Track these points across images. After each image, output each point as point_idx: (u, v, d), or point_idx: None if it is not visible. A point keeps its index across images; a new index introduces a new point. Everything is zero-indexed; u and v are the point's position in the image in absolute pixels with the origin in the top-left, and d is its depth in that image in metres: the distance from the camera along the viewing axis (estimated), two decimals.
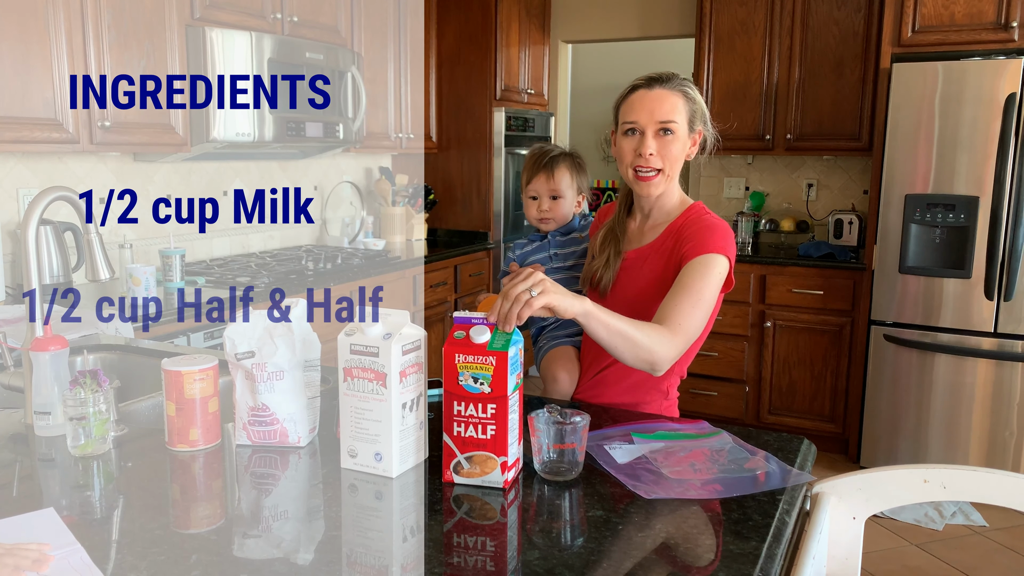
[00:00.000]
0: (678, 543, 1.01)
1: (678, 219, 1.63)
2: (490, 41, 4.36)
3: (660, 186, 1.60)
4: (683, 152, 1.60)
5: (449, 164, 4.55)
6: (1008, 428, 3.38)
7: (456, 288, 4.10)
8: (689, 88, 1.60)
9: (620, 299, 1.63)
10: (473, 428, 1.14)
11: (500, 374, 1.12)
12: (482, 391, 1.13)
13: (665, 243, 1.62)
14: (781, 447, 1.33)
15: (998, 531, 3.13)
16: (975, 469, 1.22)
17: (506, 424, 1.13)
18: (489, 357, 1.12)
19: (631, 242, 1.70)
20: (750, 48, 4.07)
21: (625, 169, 1.61)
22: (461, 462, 1.16)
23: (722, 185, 4.57)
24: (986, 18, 3.36)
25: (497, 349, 1.12)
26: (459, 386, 1.14)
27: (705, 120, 1.64)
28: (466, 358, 1.13)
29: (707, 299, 1.50)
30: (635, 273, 1.65)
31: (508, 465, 1.15)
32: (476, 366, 1.13)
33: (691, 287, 1.49)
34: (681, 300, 1.48)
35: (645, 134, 1.57)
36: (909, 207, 3.45)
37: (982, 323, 3.38)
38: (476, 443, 1.14)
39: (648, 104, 1.57)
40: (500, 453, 1.14)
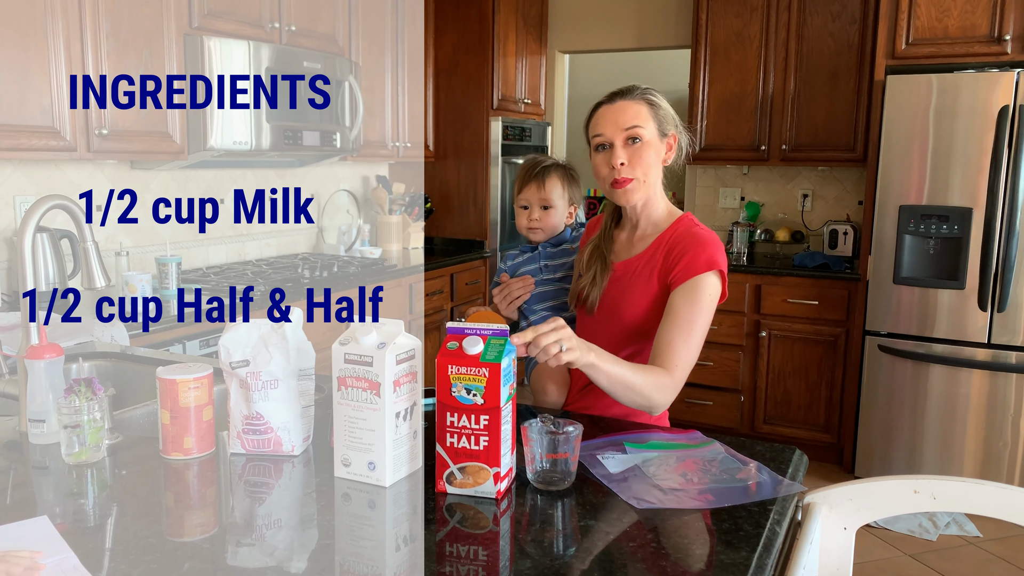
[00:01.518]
0: (669, 553, 1.01)
1: (667, 231, 1.64)
2: (487, 51, 4.38)
3: (637, 192, 1.61)
4: (657, 158, 1.61)
5: (446, 173, 4.56)
6: (1002, 438, 3.39)
7: (452, 297, 4.10)
8: (652, 96, 1.61)
9: (609, 314, 1.64)
10: (466, 439, 1.14)
11: (493, 386, 1.12)
12: (475, 402, 1.13)
13: (655, 256, 1.63)
14: (773, 457, 1.34)
15: (992, 541, 3.13)
16: (965, 480, 1.22)
17: (499, 435, 1.14)
18: (482, 369, 1.12)
19: (620, 253, 1.71)
20: (745, 59, 4.10)
21: (604, 184, 1.62)
22: (454, 472, 1.16)
23: (717, 195, 4.59)
24: (979, 31, 3.38)
25: (490, 361, 1.12)
26: (452, 397, 1.14)
27: (676, 124, 1.64)
28: (459, 369, 1.13)
29: (699, 329, 1.53)
30: (624, 286, 1.65)
31: (501, 476, 1.15)
32: (469, 378, 1.13)
33: (683, 318, 1.52)
34: (674, 335, 1.51)
35: (614, 145, 1.58)
36: (903, 218, 3.47)
37: (976, 334, 3.40)
38: (469, 454, 1.15)
39: (611, 116, 1.59)
40: (493, 464, 1.14)
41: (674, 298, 1.55)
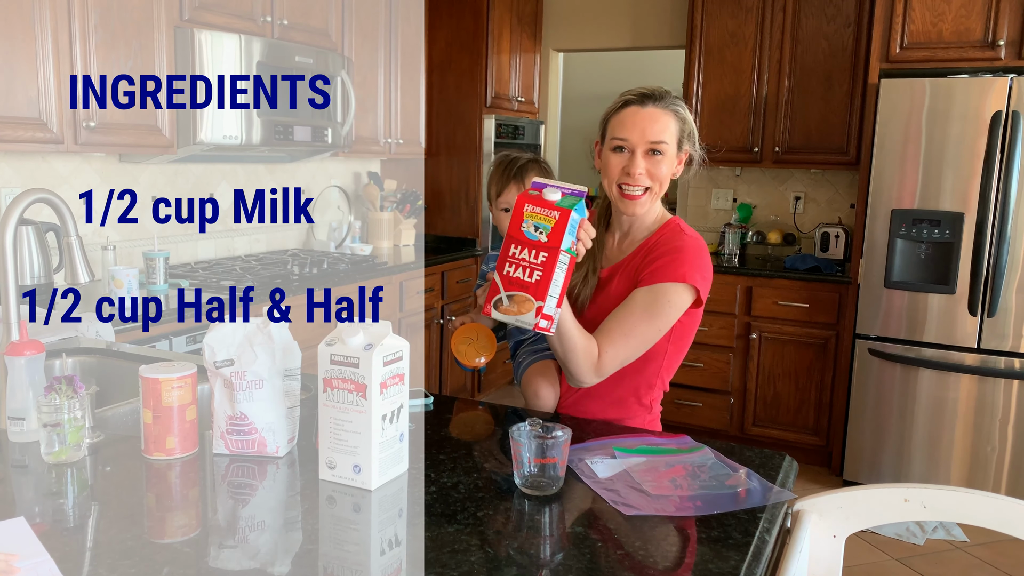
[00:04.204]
0: (657, 561, 1.00)
1: (653, 236, 1.62)
2: (481, 48, 4.36)
3: (646, 205, 1.58)
4: (670, 171, 1.58)
5: (438, 170, 4.54)
6: (990, 443, 3.40)
7: (443, 295, 4.08)
8: (680, 107, 1.58)
9: (595, 317, 1.62)
10: (521, 270, 1.25)
11: (559, 228, 1.23)
12: (539, 239, 1.24)
13: (634, 260, 1.61)
14: (763, 463, 1.32)
15: (979, 546, 3.14)
16: (955, 489, 1.22)
17: (551, 274, 1.23)
18: (554, 211, 1.23)
19: (609, 259, 1.68)
20: (740, 60, 4.09)
21: (610, 185, 1.58)
22: (503, 299, 1.26)
23: (710, 197, 4.59)
24: (974, 36, 3.38)
25: (563, 207, 1.23)
26: (520, 231, 1.25)
27: (694, 140, 1.61)
28: (534, 209, 1.25)
29: (642, 330, 1.51)
30: (607, 290, 1.63)
31: (544, 312, 1.24)
32: (541, 217, 1.24)
33: (627, 318, 1.52)
34: (615, 326, 1.51)
35: (635, 153, 1.54)
36: (895, 222, 3.47)
37: (965, 339, 3.40)
38: (521, 284, 1.25)
39: (640, 123, 1.54)
40: (539, 298, 1.24)
41: (635, 294, 1.54)
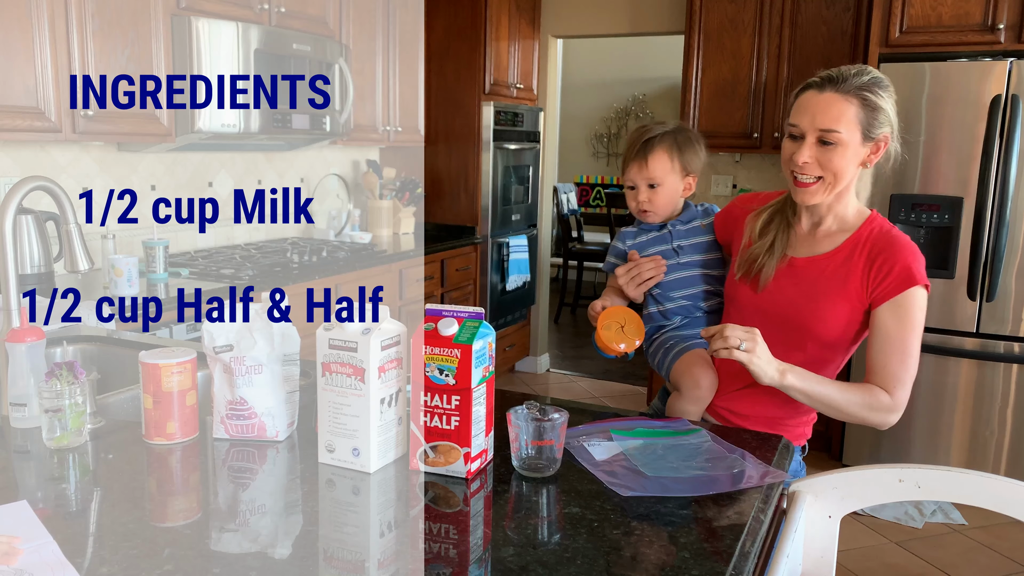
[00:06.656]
0: (653, 540, 1.01)
1: (860, 232, 1.53)
2: (480, 35, 4.35)
3: (818, 195, 1.50)
4: (852, 161, 1.47)
5: (437, 158, 4.53)
6: (989, 427, 3.41)
7: (443, 282, 4.09)
8: (869, 92, 1.44)
9: (786, 307, 1.55)
10: (439, 418, 1.16)
11: (464, 367, 1.14)
12: (447, 382, 1.15)
13: (851, 261, 1.51)
14: (759, 445, 1.33)
15: (977, 529, 3.15)
16: (949, 469, 1.23)
17: (470, 416, 1.15)
18: (454, 350, 1.14)
19: (798, 247, 1.58)
20: (739, 46, 4.08)
21: (785, 171, 1.53)
22: (427, 450, 1.18)
23: (710, 182, 4.58)
24: (973, 20, 3.37)
25: (462, 342, 1.14)
26: (427, 377, 1.16)
27: (893, 126, 1.49)
28: (432, 350, 1.15)
29: (914, 345, 1.46)
30: (809, 285, 1.53)
31: (472, 456, 1.16)
32: (442, 358, 1.14)
33: (896, 338, 1.45)
34: (889, 358, 1.46)
35: (804, 140, 1.47)
36: (894, 207, 3.47)
37: (965, 323, 3.41)
38: (441, 433, 1.17)
39: (812, 108, 1.45)
40: (464, 444, 1.16)
41: (883, 316, 1.47)
